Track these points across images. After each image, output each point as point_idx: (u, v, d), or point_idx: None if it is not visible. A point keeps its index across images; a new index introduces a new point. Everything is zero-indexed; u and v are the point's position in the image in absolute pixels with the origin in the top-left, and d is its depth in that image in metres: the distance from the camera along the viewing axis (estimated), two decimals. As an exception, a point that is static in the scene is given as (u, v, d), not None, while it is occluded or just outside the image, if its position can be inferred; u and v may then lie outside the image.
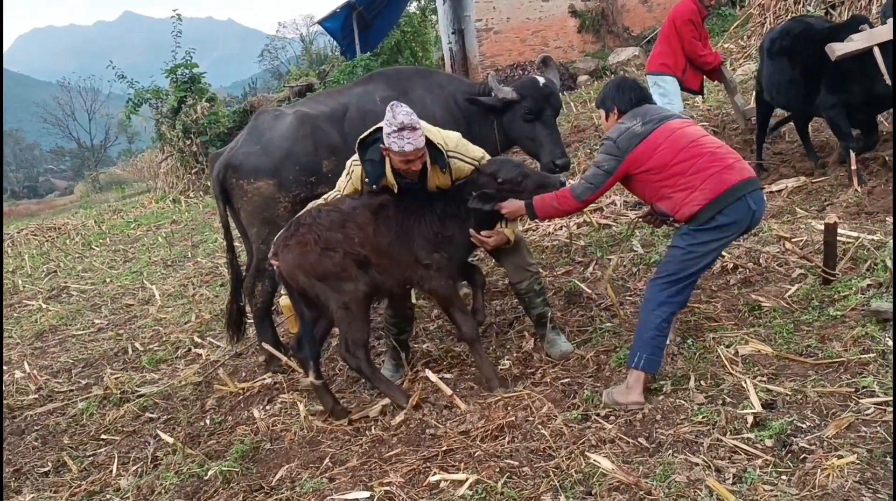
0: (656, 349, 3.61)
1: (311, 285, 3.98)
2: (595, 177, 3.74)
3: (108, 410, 5.00)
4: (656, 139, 3.61)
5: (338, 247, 3.91)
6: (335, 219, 3.98)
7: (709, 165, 3.55)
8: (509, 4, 18.54)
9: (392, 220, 4.06)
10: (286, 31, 56.80)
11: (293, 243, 3.96)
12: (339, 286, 3.93)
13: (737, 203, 3.51)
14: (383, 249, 4.01)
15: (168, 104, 16.74)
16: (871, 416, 3.09)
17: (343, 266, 3.91)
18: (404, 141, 3.82)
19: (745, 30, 14.21)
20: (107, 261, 10.60)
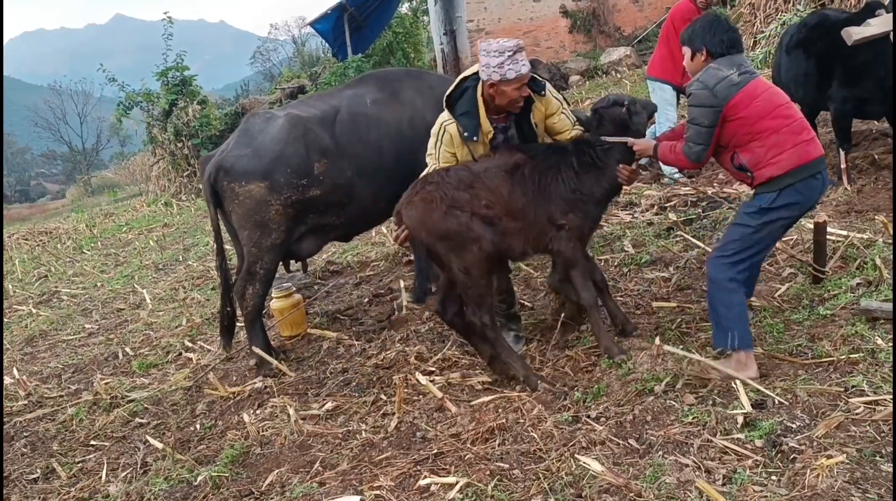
0: (745, 322, 3.61)
1: (433, 244, 3.89)
2: (701, 136, 3.60)
3: (98, 415, 4.96)
4: (755, 89, 3.52)
5: (465, 207, 3.81)
6: (464, 178, 3.88)
7: (800, 131, 3.52)
8: (500, 5, 18.58)
9: (528, 180, 3.94)
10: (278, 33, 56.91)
11: (418, 200, 3.87)
12: (462, 248, 3.84)
13: (811, 179, 3.51)
14: (517, 211, 3.90)
15: (159, 107, 16.68)
16: (860, 415, 3.09)
17: (468, 226, 3.81)
18: (520, 64, 3.80)
19: (735, 29, 14.24)
20: (98, 265, 10.55)
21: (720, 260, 3.65)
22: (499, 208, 3.86)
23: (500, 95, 3.92)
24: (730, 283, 3.60)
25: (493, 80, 3.85)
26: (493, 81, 3.85)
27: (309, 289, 6.86)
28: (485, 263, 3.87)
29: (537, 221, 3.95)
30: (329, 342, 5.37)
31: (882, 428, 2.98)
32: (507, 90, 3.88)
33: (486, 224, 3.85)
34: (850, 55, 5.36)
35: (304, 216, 5.11)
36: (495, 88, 3.89)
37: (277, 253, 5.09)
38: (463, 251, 3.83)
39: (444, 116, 4.10)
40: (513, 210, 3.89)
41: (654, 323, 4.43)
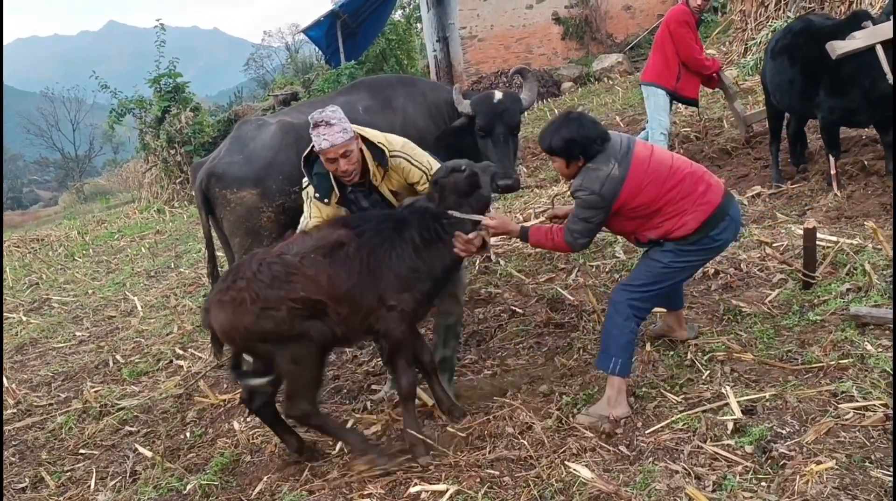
0: (630, 352, 3.61)
1: (252, 346, 3.53)
2: (589, 232, 3.59)
3: (88, 424, 4.94)
4: (637, 177, 3.47)
5: (280, 305, 3.37)
6: (278, 273, 3.42)
7: (693, 188, 3.51)
8: (493, 12, 18.62)
9: (353, 259, 3.50)
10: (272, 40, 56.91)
11: (227, 301, 3.42)
12: (285, 345, 3.44)
13: (724, 221, 3.53)
14: (341, 296, 3.46)
15: (152, 114, 16.68)
16: (850, 421, 3.09)
17: (289, 324, 3.39)
18: (320, 138, 3.65)
19: (726, 36, 14.33)
20: (89, 272, 10.51)
21: (630, 288, 3.63)
22: (321, 297, 3.43)
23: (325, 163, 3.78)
24: (630, 310, 3.58)
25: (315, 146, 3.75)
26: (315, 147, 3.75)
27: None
28: (314, 355, 3.50)
29: (364, 303, 3.51)
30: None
31: (871, 434, 2.98)
32: (322, 160, 3.76)
33: (309, 317, 3.42)
34: (836, 65, 5.36)
35: (296, 224, 5.09)
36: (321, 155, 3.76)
37: (268, 260, 5.07)
38: (286, 348, 3.44)
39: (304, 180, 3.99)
40: (336, 296, 3.46)
41: (644, 329, 4.42)
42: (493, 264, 6.07)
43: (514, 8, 18.69)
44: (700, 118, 9.06)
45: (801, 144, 6.71)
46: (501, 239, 6.82)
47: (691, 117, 9.38)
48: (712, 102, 9.98)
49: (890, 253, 4.42)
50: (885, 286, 4.10)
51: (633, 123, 9.72)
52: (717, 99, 10.03)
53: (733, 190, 6.41)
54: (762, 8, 12.93)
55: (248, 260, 3.56)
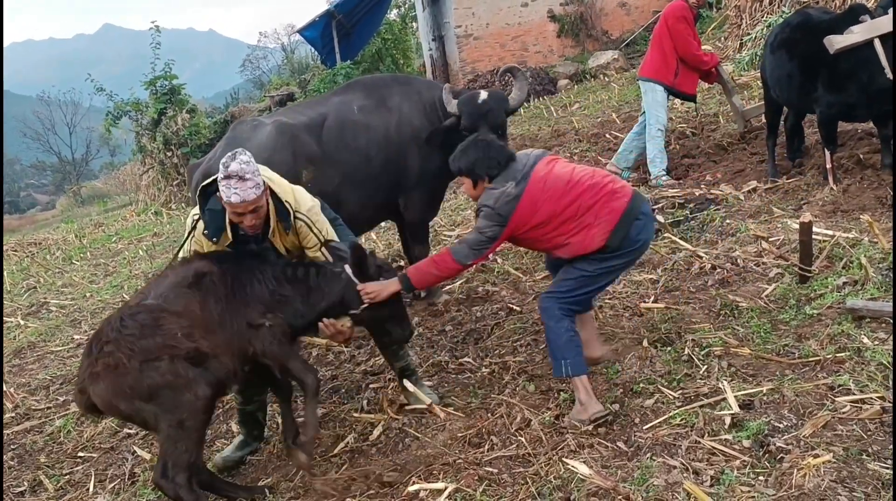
0: (576, 348, 3.59)
1: (139, 409, 3.22)
2: (479, 243, 3.57)
3: (86, 427, 4.93)
4: (533, 195, 3.51)
5: (161, 352, 3.18)
6: (144, 320, 3.25)
7: (594, 199, 3.52)
8: (488, 10, 18.61)
9: (219, 285, 3.45)
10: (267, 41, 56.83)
11: (101, 370, 3.17)
12: (175, 401, 3.19)
13: (639, 221, 3.56)
14: (216, 323, 3.37)
15: (148, 116, 16.66)
16: (847, 414, 3.09)
17: (174, 373, 3.18)
18: (231, 191, 3.40)
19: (721, 31, 14.33)
20: (87, 275, 10.49)
21: (553, 296, 3.65)
22: (199, 331, 3.29)
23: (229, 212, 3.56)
24: (559, 310, 3.60)
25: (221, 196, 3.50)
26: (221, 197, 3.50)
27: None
28: (204, 408, 3.28)
29: (236, 327, 3.43)
30: (318, 349, 5.35)
31: (868, 427, 2.99)
32: (227, 209, 3.53)
33: (194, 361, 3.25)
34: (834, 60, 5.35)
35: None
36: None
37: (265, 261, 5.06)
38: (176, 404, 3.19)
39: (195, 209, 3.75)
40: (211, 324, 3.35)
41: (642, 325, 4.43)
42: (490, 263, 6.07)
43: (510, 6, 18.69)
44: (697, 114, 9.07)
45: (798, 138, 6.71)
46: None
47: (688, 113, 9.39)
48: (708, 97, 9.98)
49: (886, 246, 4.42)
50: (882, 279, 4.10)
51: (629, 119, 9.73)
52: (713, 94, 10.04)
53: (729, 185, 6.44)
54: (757, 3, 12.95)
55: (106, 324, 3.36)
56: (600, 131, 9.85)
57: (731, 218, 5.66)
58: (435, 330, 5.11)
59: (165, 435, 3.22)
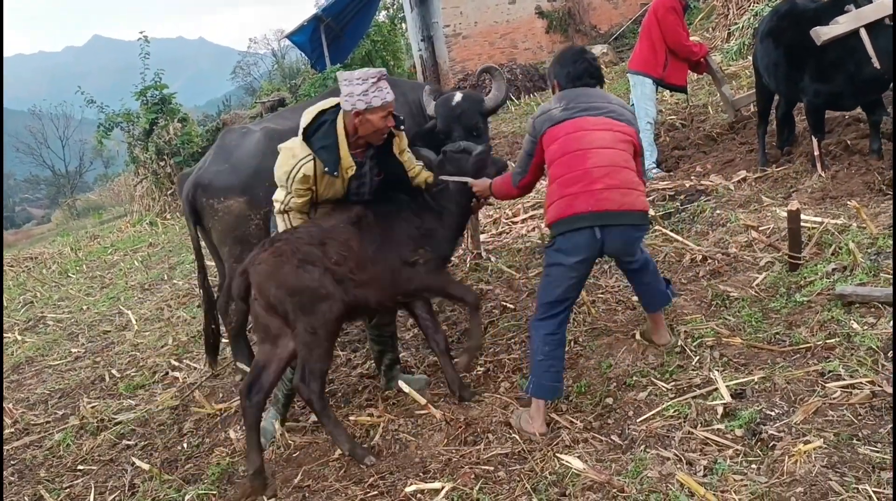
0: (544, 374, 3.48)
1: (282, 299, 3.60)
2: (520, 160, 3.74)
3: (85, 440, 4.94)
4: (559, 131, 3.50)
5: (317, 262, 3.62)
6: (314, 234, 3.72)
7: (574, 182, 3.41)
8: (476, 9, 18.63)
9: (374, 227, 3.86)
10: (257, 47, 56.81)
11: (267, 256, 3.65)
12: (312, 306, 3.58)
13: (576, 233, 3.40)
14: (369, 260, 3.77)
15: (140, 127, 16.63)
16: (837, 399, 3.12)
17: (321, 282, 3.59)
18: (384, 91, 3.67)
19: (709, 22, 14.36)
20: (84, 288, 10.50)
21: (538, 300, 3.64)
22: (351, 262, 3.71)
23: (364, 125, 3.74)
24: (533, 329, 3.57)
25: (359, 108, 3.66)
26: (359, 109, 3.66)
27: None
28: (333, 323, 3.66)
29: (390, 265, 3.85)
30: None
31: (859, 411, 3.01)
32: (372, 119, 3.71)
33: (338, 281, 3.66)
34: (821, 50, 5.35)
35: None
36: (360, 118, 3.70)
37: (258, 268, 5.08)
38: (312, 309, 3.59)
39: (298, 152, 3.80)
40: (365, 260, 3.76)
41: (634, 318, 4.45)
42: (484, 261, 6.09)
43: (497, 4, 18.73)
44: (687, 105, 9.09)
45: (788, 127, 6.73)
46: (491, 235, 6.86)
47: (677, 105, 9.42)
48: (697, 88, 10.00)
49: (874, 231, 4.44)
50: (870, 264, 4.12)
51: (619, 113, 9.72)
52: (702, 85, 10.07)
53: (719, 175, 6.46)
54: (744, -8, 12.98)
55: (283, 231, 3.85)
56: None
57: (722, 209, 5.68)
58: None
59: (301, 341, 3.62)
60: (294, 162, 3.78)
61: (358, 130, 3.78)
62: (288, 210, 3.89)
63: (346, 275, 3.68)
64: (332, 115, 3.84)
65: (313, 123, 3.83)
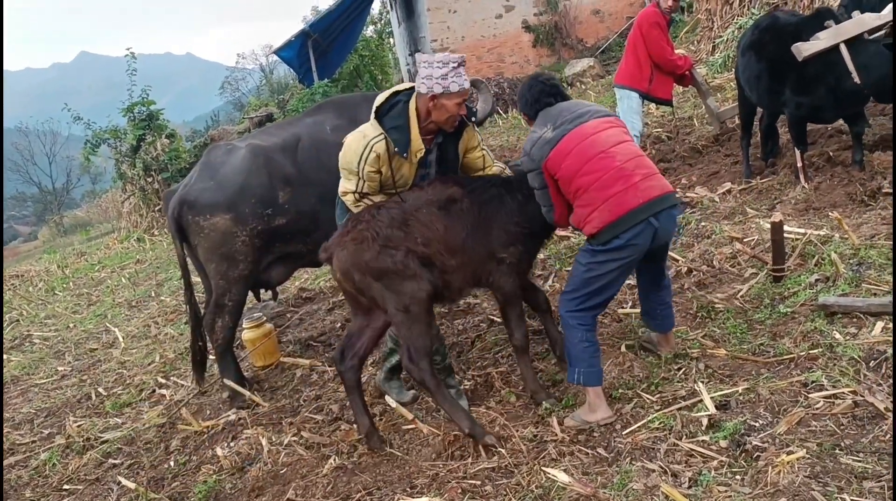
0: (591, 359, 3.53)
1: (368, 284, 3.64)
2: (541, 197, 3.69)
3: (71, 459, 4.90)
4: (567, 145, 3.47)
5: (399, 245, 3.59)
6: (396, 216, 3.65)
7: (612, 183, 3.38)
8: (463, 24, 18.74)
9: (467, 213, 3.73)
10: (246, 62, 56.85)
11: (349, 240, 3.64)
12: (400, 286, 3.59)
13: (636, 227, 3.37)
14: (456, 247, 3.69)
15: (127, 143, 16.60)
16: (820, 410, 3.14)
17: (404, 264, 3.57)
18: (462, 78, 3.64)
19: (694, 35, 14.50)
20: (70, 306, 10.44)
21: (565, 296, 3.62)
22: (436, 246, 3.65)
23: (438, 110, 3.70)
24: (572, 320, 3.55)
25: (436, 92, 3.62)
26: (436, 93, 3.63)
27: (281, 317, 6.85)
28: (425, 300, 3.62)
29: (477, 255, 3.76)
30: (302, 369, 5.36)
31: (841, 421, 3.04)
32: (447, 104, 3.67)
33: (423, 263, 3.63)
34: (802, 63, 5.40)
35: (271, 246, 5.11)
36: (435, 102, 3.67)
37: (245, 284, 5.08)
38: (401, 289, 3.59)
39: (369, 132, 3.77)
40: (451, 246, 3.68)
41: (620, 330, 4.47)
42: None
43: (484, 18, 18.83)
44: (672, 118, 9.17)
45: (772, 139, 6.80)
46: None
47: (663, 118, 9.49)
48: (683, 101, 10.10)
49: (856, 242, 4.49)
50: (852, 275, 4.16)
51: (605, 126, 9.78)
52: (687, 98, 10.16)
53: (704, 187, 6.51)
54: (727, 6, 13.12)
55: (364, 210, 3.79)
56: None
57: (707, 220, 5.73)
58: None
59: (396, 320, 3.65)
60: (365, 142, 3.76)
61: (431, 114, 3.74)
62: (363, 197, 3.88)
63: (429, 258, 3.64)
64: (406, 96, 3.83)
65: (385, 104, 3.83)
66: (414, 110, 3.77)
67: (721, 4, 13.24)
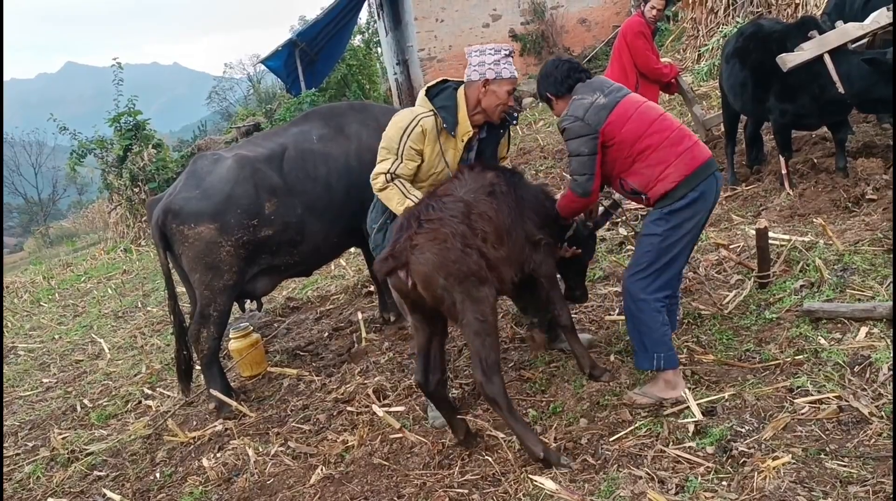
0: (669, 342, 3.53)
1: (451, 290, 3.19)
2: (584, 165, 3.53)
3: (56, 472, 4.85)
4: (626, 108, 3.50)
5: (472, 242, 3.27)
6: (461, 209, 3.33)
7: (679, 140, 3.47)
8: (450, 33, 18.79)
9: (507, 197, 3.58)
10: (233, 72, 56.84)
11: (424, 241, 3.20)
12: (478, 292, 3.22)
13: (708, 180, 3.46)
14: (506, 232, 3.49)
15: (113, 153, 16.52)
16: (805, 415, 3.15)
17: (479, 266, 3.25)
18: (512, 67, 3.74)
19: (680, 43, 14.59)
20: (56, 317, 10.36)
21: (636, 275, 3.52)
22: (492, 237, 3.40)
23: (489, 97, 3.74)
24: (652, 301, 3.49)
25: (489, 77, 3.70)
26: (488, 78, 3.71)
27: (269, 327, 6.82)
28: (494, 310, 3.32)
29: (519, 241, 3.61)
30: (289, 379, 5.34)
31: (826, 426, 3.05)
32: (498, 91, 3.73)
33: (486, 261, 3.32)
34: (787, 71, 5.47)
35: (257, 256, 5.09)
36: (487, 88, 3.73)
37: (230, 294, 5.06)
38: (479, 295, 3.22)
39: (417, 109, 3.85)
40: (502, 236, 3.47)
41: (608, 338, 4.48)
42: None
43: (471, 27, 18.89)
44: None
45: (756, 146, 6.84)
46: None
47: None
48: (669, 108, 10.12)
49: (840, 247, 4.52)
50: (836, 280, 4.19)
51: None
52: (673, 106, 10.21)
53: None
54: (712, 15, 13.22)
55: (423, 205, 3.41)
56: (565, 148, 9.95)
57: (692, 227, 5.74)
58: (405, 354, 5.12)
59: (473, 330, 3.21)
60: (412, 116, 3.82)
61: (481, 102, 3.79)
62: (395, 178, 3.85)
63: (488, 254, 3.35)
64: (455, 84, 3.92)
65: (435, 87, 3.92)
66: (463, 97, 3.83)
67: (706, 13, 13.34)
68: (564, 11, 18.97)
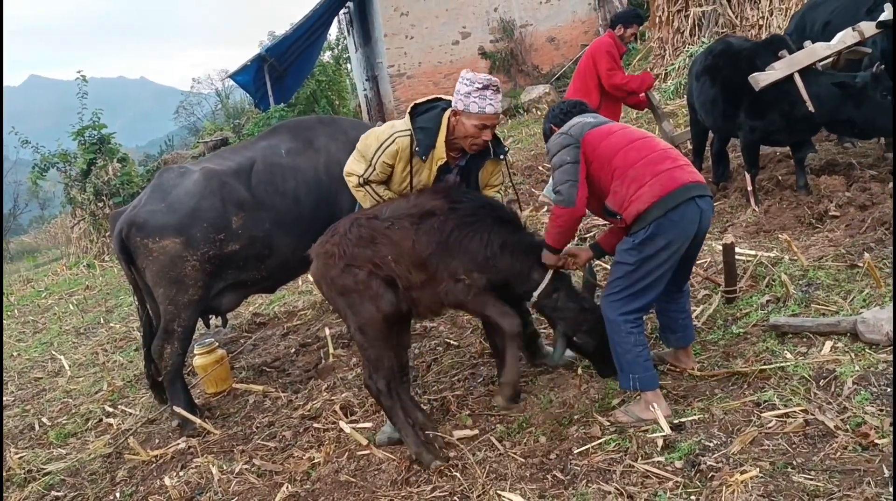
0: (645, 363, 3.43)
1: (333, 299, 3.78)
2: (566, 172, 3.45)
3: (12, 492, 4.70)
4: (610, 128, 3.53)
5: (364, 264, 3.60)
6: (364, 235, 3.64)
7: (659, 161, 3.36)
8: (420, 50, 18.87)
9: (437, 230, 3.58)
10: (201, 87, 56.39)
11: (321, 253, 3.75)
12: (359, 307, 3.62)
13: (686, 204, 3.29)
14: (420, 262, 3.58)
15: (77, 167, 16.25)
16: (772, 428, 3.16)
17: (365, 285, 3.59)
18: (486, 101, 3.61)
19: (646, 62, 14.80)
20: (15, 334, 10.11)
21: (610, 298, 3.46)
22: (404, 264, 3.59)
23: (458, 126, 3.72)
24: (624, 324, 3.42)
25: (457, 108, 3.68)
26: (457, 109, 3.69)
27: (235, 343, 6.72)
28: (381, 323, 3.62)
29: (439, 273, 3.58)
30: (255, 395, 5.25)
31: (793, 440, 3.06)
32: (466, 124, 3.68)
33: (388, 283, 3.61)
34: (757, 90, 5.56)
35: (223, 271, 5.01)
36: (457, 118, 3.71)
37: (195, 310, 4.97)
38: (360, 309, 3.62)
39: (399, 124, 3.85)
40: (417, 262, 3.58)
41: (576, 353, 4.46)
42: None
43: (441, 44, 18.99)
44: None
45: (722, 163, 6.93)
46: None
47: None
48: (638, 125, 10.22)
49: (805, 263, 4.58)
50: (801, 295, 4.24)
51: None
52: (642, 123, 10.33)
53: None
54: (678, 34, 13.45)
55: (346, 221, 3.80)
56: (534, 164, 10.04)
57: (660, 243, 5.78)
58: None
59: (356, 339, 3.78)
60: (391, 132, 3.81)
61: (454, 130, 3.77)
62: (367, 183, 3.91)
63: (395, 276, 3.60)
64: (446, 104, 3.86)
65: (424, 105, 3.88)
66: (446, 120, 3.79)
67: (672, 33, 13.57)
68: (533, 30, 19.17)
